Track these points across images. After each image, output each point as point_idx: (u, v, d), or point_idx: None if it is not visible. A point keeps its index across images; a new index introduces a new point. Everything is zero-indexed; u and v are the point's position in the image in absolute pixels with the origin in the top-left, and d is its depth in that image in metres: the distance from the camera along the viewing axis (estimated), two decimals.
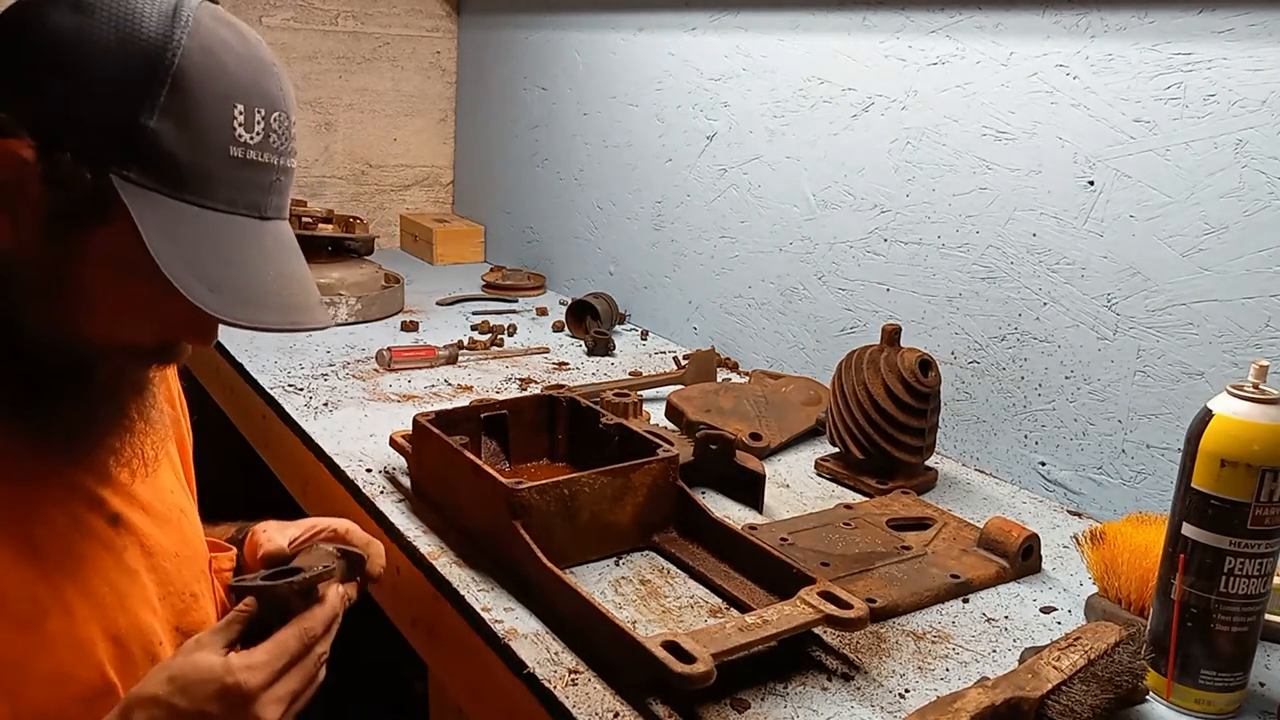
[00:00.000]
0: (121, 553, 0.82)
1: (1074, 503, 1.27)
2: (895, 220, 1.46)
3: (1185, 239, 1.13)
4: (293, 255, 0.78)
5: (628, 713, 0.82)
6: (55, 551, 0.77)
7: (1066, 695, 0.80)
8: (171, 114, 0.69)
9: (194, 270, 0.69)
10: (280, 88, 0.75)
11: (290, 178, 0.78)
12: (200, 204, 0.71)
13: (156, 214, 0.69)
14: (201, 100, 0.70)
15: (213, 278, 0.70)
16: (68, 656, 0.76)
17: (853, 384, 1.26)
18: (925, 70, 1.39)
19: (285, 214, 0.79)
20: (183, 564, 0.87)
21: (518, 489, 0.98)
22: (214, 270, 0.71)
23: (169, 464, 0.92)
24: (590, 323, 1.86)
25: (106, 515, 0.81)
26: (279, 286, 0.75)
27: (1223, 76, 1.09)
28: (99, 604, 0.78)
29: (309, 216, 1.94)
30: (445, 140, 2.67)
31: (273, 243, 0.76)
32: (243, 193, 0.73)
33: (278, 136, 0.74)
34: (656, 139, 1.90)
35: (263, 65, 0.74)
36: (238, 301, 0.71)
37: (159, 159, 0.69)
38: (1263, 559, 0.83)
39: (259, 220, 0.75)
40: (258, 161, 0.73)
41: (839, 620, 0.87)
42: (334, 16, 2.46)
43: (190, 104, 0.69)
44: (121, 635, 0.80)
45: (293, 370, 1.59)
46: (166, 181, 0.69)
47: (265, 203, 0.75)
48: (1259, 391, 0.82)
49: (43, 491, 0.78)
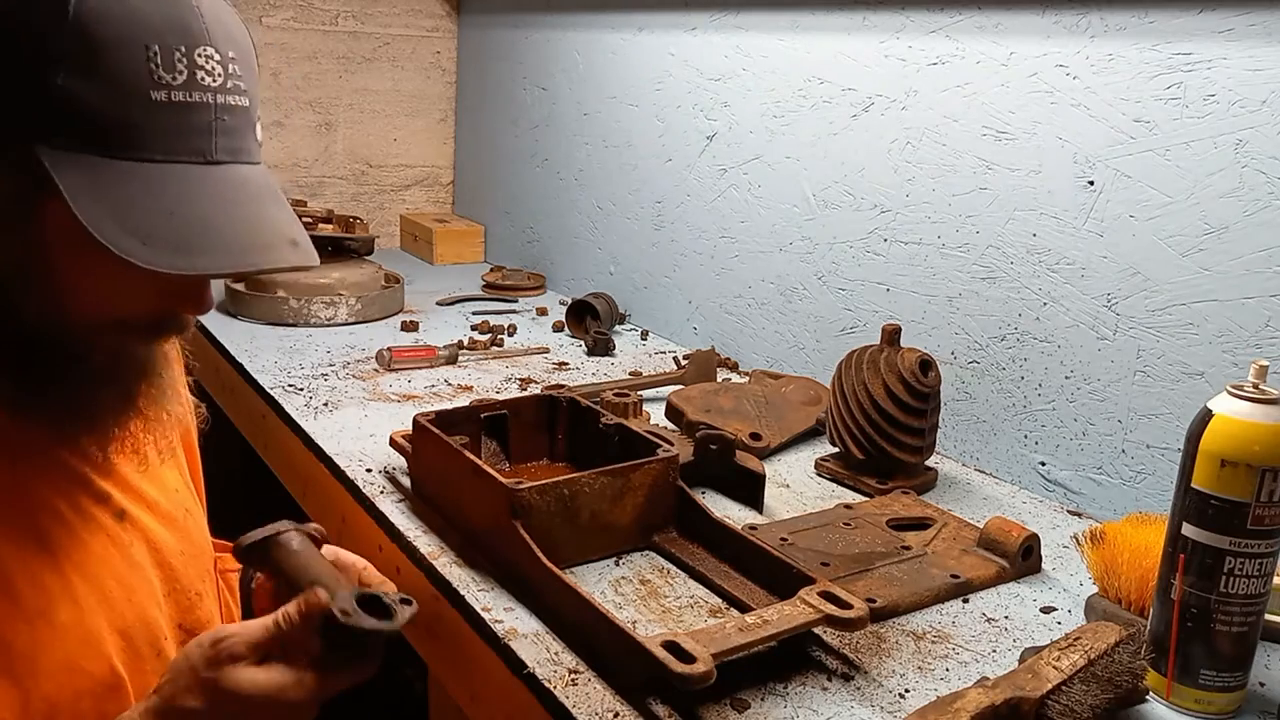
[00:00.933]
0: (128, 548, 0.82)
1: (1074, 503, 1.27)
2: (895, 220, 1.46)
3: (1185, 239, 1.13)
4: (257, 197, 0.73)
5: (628, 713, 0.82)
6: (65, 544, 0.77)
7: (1066, 695, 0.80)
8: (79, 69, 0.65)
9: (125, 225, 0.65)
10: (201, 20, 0.70)
11: (242, 116, 0.73)
12: (135, 158, 0.67)
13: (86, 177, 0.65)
14: (108, 45, 0.65)
15: (146, 230, 0.66)
16: (77, 648, 0.76)
17: (853, 384, 1.26)
18: (925, 70, 1.39)
19: (247, 157, 0.74)
20: (188, 562, 0.87)
21: (518, 489, 0.98)
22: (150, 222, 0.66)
23: (175, 464, 0.92)
24: (590, 323, 1.86)
25: (114, 510, 0.81)
26: (230, 230, 0.70)
27: (1223, 76, 1.09)
28: (107, 598, 0.78)
29: (309, 216, 1.95)
30: (445, 140, 2.67)
31: (226, 186, 0.71)
32: (178, 138, 0.69)
33: (208, 74, 0.69)
34: (656, 139, 1.90)
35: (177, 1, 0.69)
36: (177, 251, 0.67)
37: (77, 118, 0.65)
38: (1263, 559, 0.83)
39: (205, 165, 0.70)
40: (187, 102, 0.68)
41: (839, 620, 0.87)
42: (334, 16, 2.46)
43: (97, 54, 0.65)
44: (129, 629, 0.80)
45: (293, 370, 1.59)
46: (92, 141, 0.66)
47: (209, 146, 0.70)
48: (1259, 391, 0.82)
49: (51, 485, 0.77)
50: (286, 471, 1.44)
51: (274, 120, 2.45)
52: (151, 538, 0.84)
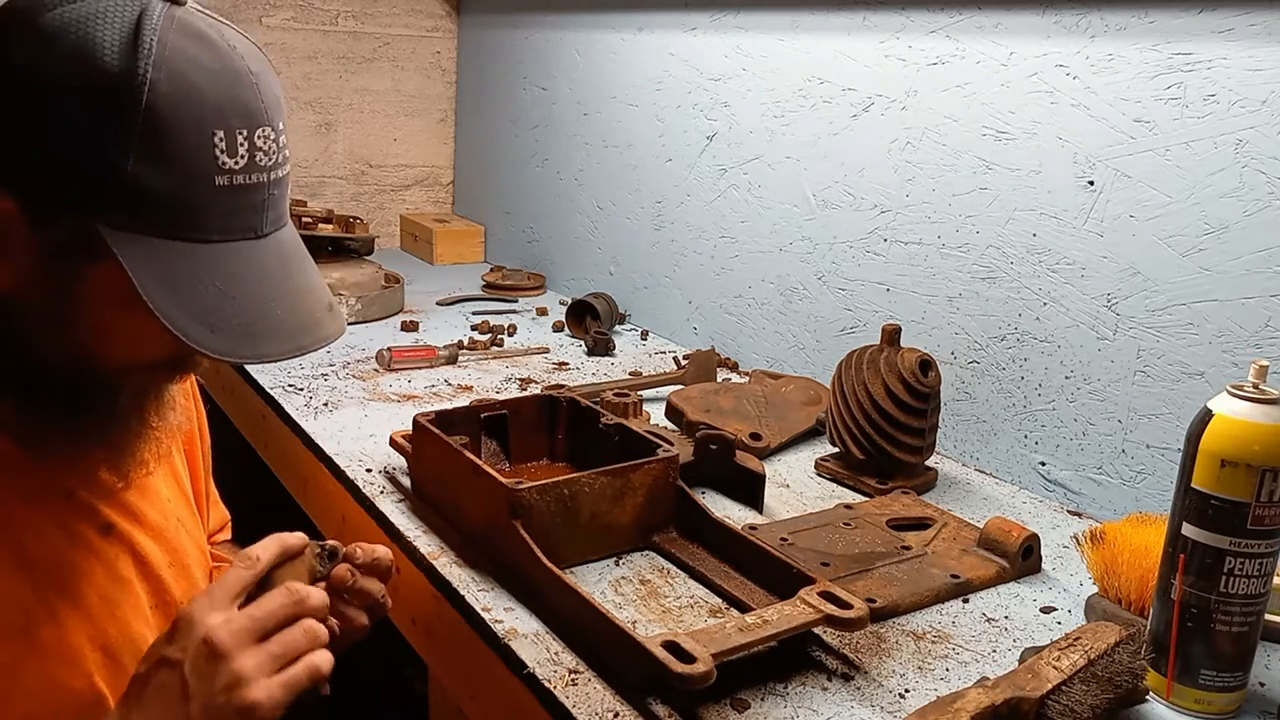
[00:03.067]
0: (113, 562, 0.81)
1: (1074, 503, 1.27)
2: (895, 220, 1.46)
3: (1185, 239, 1.13)
4: (297, 265, 0.75)
5: (628, 713, 0.82)
6: (45, 561, 0.76)
7: (1066, 695, 0.80)
8: (147, 154, 0.65)
9: (191, 312, 0.67)
10: (260, 99, 0.70)
11: (285, 186, 0.74)
12: (192, 239, 0.68)
13: (147, 256, 0.66)
14: (178, 133, 0.66)
15: (211, 317, 0.68)
16: (57, 666, 0.75)
17: (853, 384, 1.26)
18: (925, 70, 1.39)
19: (285, 221, 0.75)
20: (179, 574, 0.87)
21: (518, 489, 0.98)
22: (211, 307, 0.68)
23: (170, 476, 0.91)
24: (590, 323, 1.86)
25: (98, 525, 0.80)
26: (283, 309, 0.72)
27: (1223, 76, 1.09)
28: (89, 614, 0.78)
29: (309, 216, 1.94)
30: (445, 140, 2.67)
31: (274, 259, 0.73)
32: (236, 218, 0.70)
33: (264, 154, 0.70)
34: (656, 139, 1.90)
35: (238, 78, 0.69)
36: (239, 338, 0.69)
37: (141, 202, 0.66)
38: (1263, 559, 0.83)
39: (255, 240, 0.72)
40: (246, 184, 0.69)
41: (839, 620, 0.87)
42: (334, 16, 2.46)
43: (166, 140, 0.66)
44: (111, 645, 0.79)
45: (293, 370, 1.59)
46: (152, 223, 0.67)
47: (261, 221, 0.72)
48: (1259, 391, 0.82)
49: (35, 503, 0.77)
50: (286, 471, 1.44)
51: None
52: (139, 550, 0.83)
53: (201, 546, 0.93)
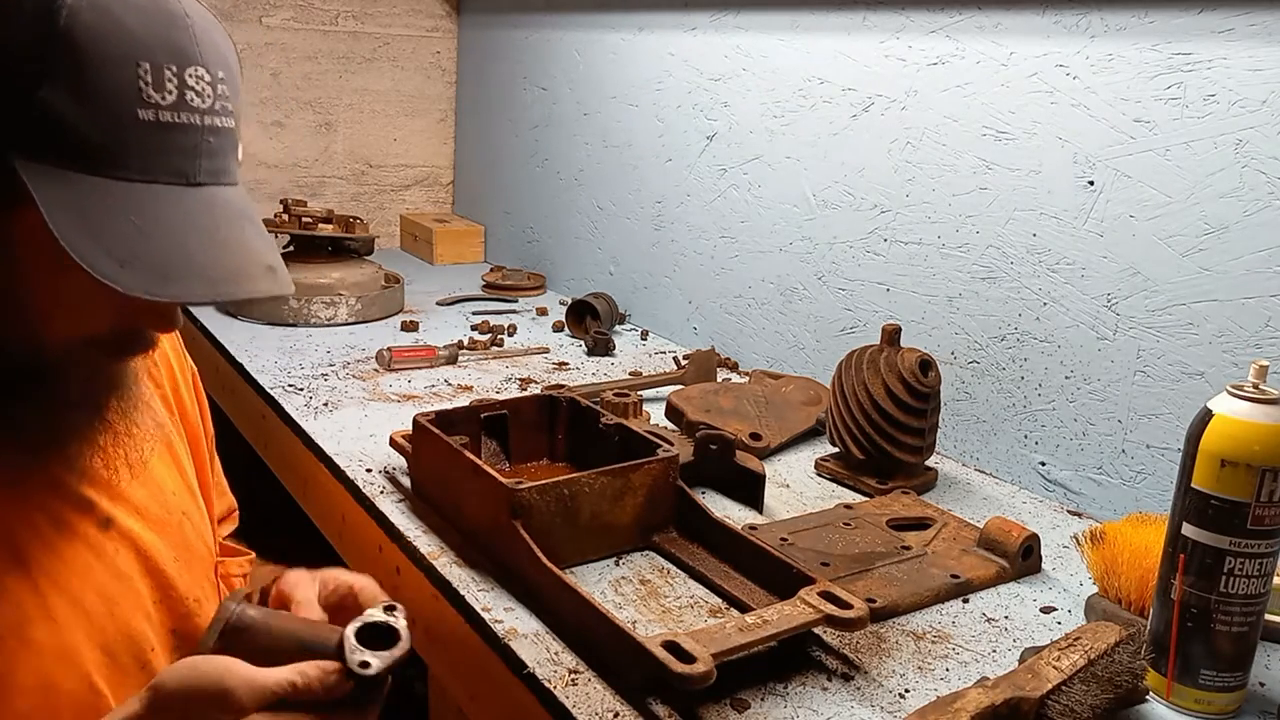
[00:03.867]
0: (113, 558, 0.80)
1: (1074, 503, 1.27)
2: (895, 220, 1.46)
3: (1185, 239, 1.13)
4: (233, 221, 0.71)
5: (628, 713, 0.82)
6: (40, 557, 0.75)
7: (1066, 695, 0.80)
8: (65, 83, 0.63)
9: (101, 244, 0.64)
10: (195, 42, 0.68)
11: (227, 138, 0.71)
12: (115, 176, 0.65)
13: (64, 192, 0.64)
14: (97, 63, 0.64)
15: (123, 252, 0.64)
16: (53, 666, 0.74)
17: (853, 384, 1.26)
18: (925, 70, 1.39)
19: (227, 179, 0.72)
20: (183, 568, 0.86)
21: (518, 489, 0.98)
22: (126, 244, 0.65)
23: (173, 467, 0.90)
24: (590, 323, 1.86)
25: (97, 519, 0.79)
26: (208, 256, 0.68)
27: (1223, 76, 1.09)
28: (87, 612, 0.77)
29: (309, 217, 1.94)
30: (445, 140, 2.67)
31: (203, 210, 0.69)
32: (161, 159, 0.67)
33: (197, 95, 0.68)
34: (656, 139, 1.90)
35: (171, 18, 0.67)
36: (154, 276, 0.65)
37: (59, 133, 0.64)
38: (1263, 559, 0.83)
39: (186, 187, 0.68)
40: (175, 123, 0.67)
41: (839, 620, 0.87)
42: (334, 16, 2.46)
43: (85, 69, 0.63)
44: (110, 644, 0.78)
45: (293, 370, 1.59)
46: (70, 156, 0.64)
47: (193, 168, 0.69)
48: (1259, 391, 0.82)
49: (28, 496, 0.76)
50: (286, 471, 1.44)
51: (274, 120, 2.45)
52: (140, 544, 0.82)
53: (207, 540, 0.92)
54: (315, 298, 1.85)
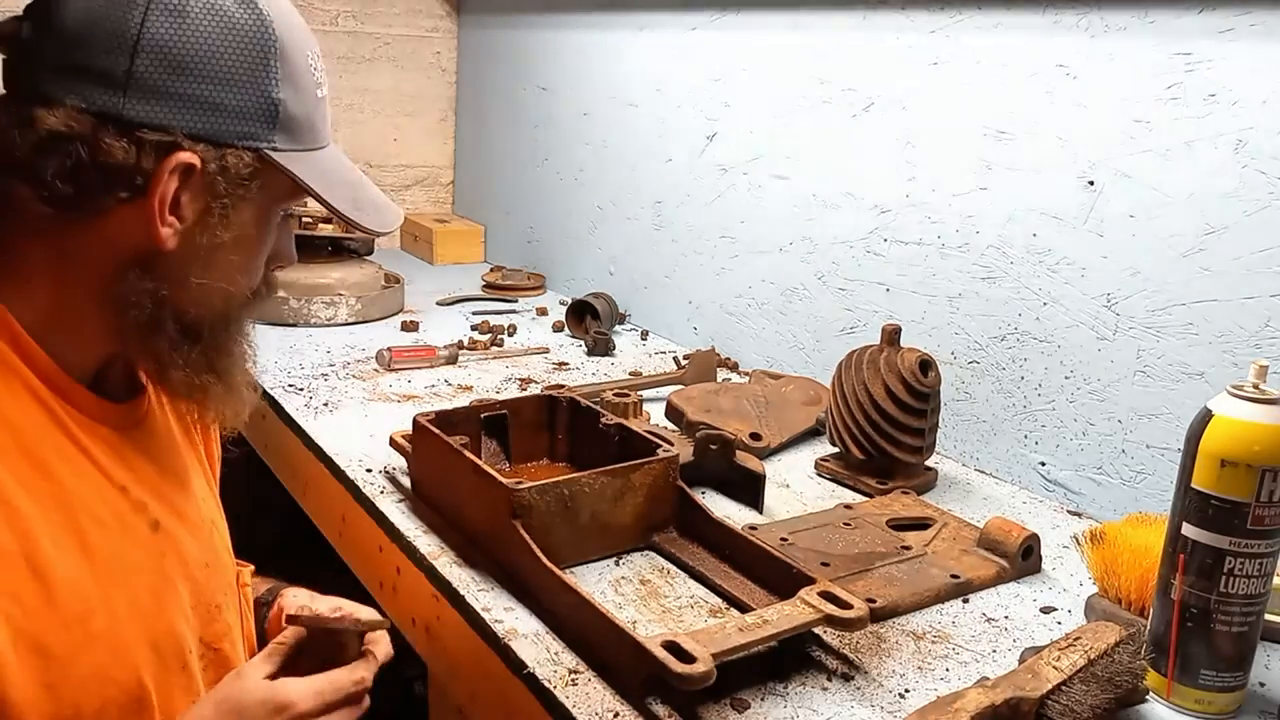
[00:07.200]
0: (161, 559, 0.81)
1: (1074, 503, 1.27)
2: (895, 220, 1.46)
3: (1185, 239, 1.13)
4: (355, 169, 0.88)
5: (628, 713, 0.82)
6: (104, 550, 0.76)
7: (1066, 695, 0.80)
8: (287, 81, 0.77)
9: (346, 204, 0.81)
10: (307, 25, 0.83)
11: None
12: (314, 147, 0.81)
13: (305, 169, 0.79)
14: (295, 59, 0.78)
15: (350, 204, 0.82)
16: (108, 658, 0.75)
17: (853, 384, 1.26)
18: (925, 70, 1.39)
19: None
20: (211, 575, 0.87)
21: (518, 489, 0.98)
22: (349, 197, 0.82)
23: (202, 476, 0.92)
24: (590, 323, 1.86)
25: (149, 520, 0.81)
26: (376, 196, 0.87)
27: (1223, 76, 1.09)
28: (140, 608, 0.78)
29: (309, 216, 1.94)
30: (445, 140, 2.67)
31: (348, 164, 0.86)
32: (326, 126, 0.83)
33: (321, 71, 0.82)
34: (656, 139, 1.90)
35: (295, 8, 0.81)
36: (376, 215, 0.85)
37: (290, 123, 0.78)
38: (1263, 559, 0.83)
39: (331, 147, 0.84)
40: (324, 97, 0.83)
41: (839, 620, 0.87)
42: (334, 16, 2.47)
43: (292, 66, 0.77)
44: (159, 642, 0.79)
45: (293, 370, 1.59)
46: (297, 139, 0.78)
47: (329, 131, 0.84)
48: (1259, 392, 0.82)
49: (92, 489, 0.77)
50: (286, 471, 1.44)
51: None
52: (181, 549, 0.84)
53: (229, 549, 0.93)
54: (315, 298, 1.85)
